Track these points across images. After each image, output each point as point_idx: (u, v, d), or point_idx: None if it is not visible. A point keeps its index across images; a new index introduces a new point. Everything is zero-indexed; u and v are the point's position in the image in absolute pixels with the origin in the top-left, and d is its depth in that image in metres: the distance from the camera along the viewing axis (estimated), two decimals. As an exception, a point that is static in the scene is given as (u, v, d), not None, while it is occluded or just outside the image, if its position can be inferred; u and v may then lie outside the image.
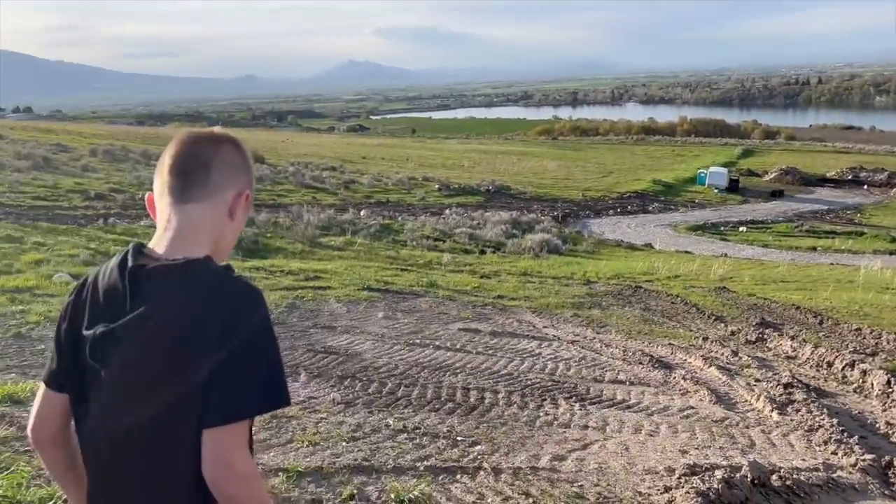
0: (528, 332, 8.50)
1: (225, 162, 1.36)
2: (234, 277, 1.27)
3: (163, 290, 1.22)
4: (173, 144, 1.36)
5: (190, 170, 1.33)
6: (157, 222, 1.35)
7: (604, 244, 24.75)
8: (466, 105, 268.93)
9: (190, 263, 1.25)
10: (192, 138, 1.37)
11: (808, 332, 9.41)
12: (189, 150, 1.34)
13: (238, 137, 1.43)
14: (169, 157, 1.34)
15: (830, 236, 30.80)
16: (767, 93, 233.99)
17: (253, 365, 1.20)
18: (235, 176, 1.38)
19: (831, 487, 3.72)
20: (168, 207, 1.33)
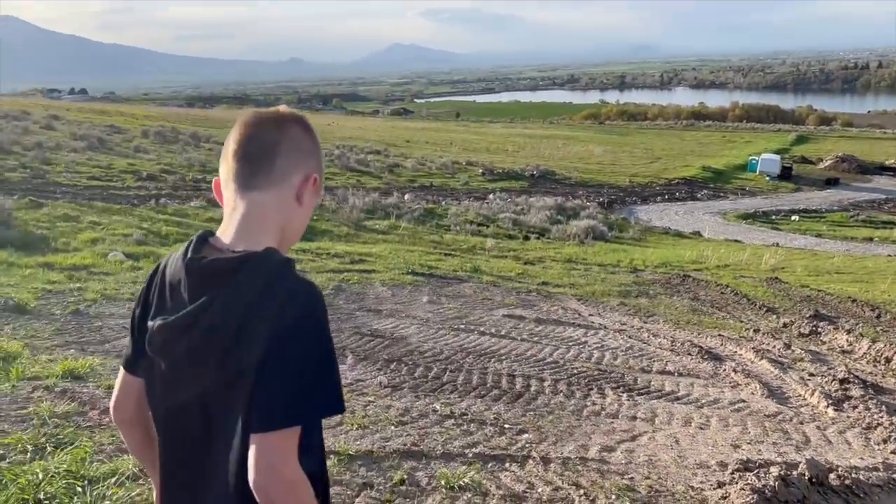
0: (574, 319, 8.43)
1: (291, 145, 1.31)
2: (292, 276, 1.21)
3: (217, 287, 1.19)
4: (237, 127, 1.32)
5: (254, 155, 1.28)
6: (224, 208, 1.33)
7: (651, 231, 24.35)
8: (511, 89, 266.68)
9: (247, 259, 1.20)
10: (257, 120, 1.31)
11: (865, 325, 9.11)
12: (253, 133, 1.30)
13: (305, 116, 1.38)
14: (233, 142, 1.30)
15: (888, 227, 29.70)
16: (824, 77, 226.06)
17: (301, 370, 1.14)
18: (303, 159, 1.32)
19: (893, 488, 3.60)
20: (234, 194, 1.30)
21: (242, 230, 1.28)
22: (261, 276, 1.18)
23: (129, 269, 8.61)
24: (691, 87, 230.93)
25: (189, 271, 1.23)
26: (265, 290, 1.17)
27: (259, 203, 1.28)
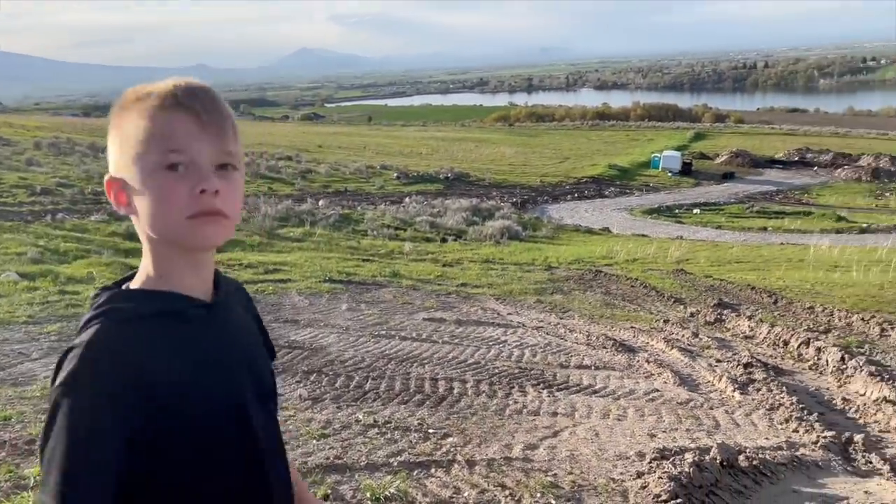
0: (493, 319, 8.52)
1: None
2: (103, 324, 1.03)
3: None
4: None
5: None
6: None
7: (563, 229, 24.97)
8: (422, 92, 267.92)
9: (96, 299, 1.09)
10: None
11: (764, 311, 9.64)
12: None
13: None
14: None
15: (780, 217, 31.66)
16: (716, 77, 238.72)
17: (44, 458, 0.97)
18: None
19: (796, 466, 3.81)
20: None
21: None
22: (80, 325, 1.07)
23: (24, 290, 8.08)
24: (595, 88, 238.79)
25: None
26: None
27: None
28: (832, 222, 29.40)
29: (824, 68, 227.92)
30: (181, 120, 1.06)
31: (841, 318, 8.90)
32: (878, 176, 45.79)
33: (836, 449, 4.16)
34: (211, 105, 1.10)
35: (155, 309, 1.06)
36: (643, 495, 3.31)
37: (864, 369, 6.16)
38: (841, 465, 3.93)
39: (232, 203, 1.13)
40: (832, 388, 6.03)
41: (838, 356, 6.66)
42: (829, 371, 6.51)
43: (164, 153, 1.04)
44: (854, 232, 26.19)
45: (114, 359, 0.99)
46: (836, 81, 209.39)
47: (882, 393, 5.50)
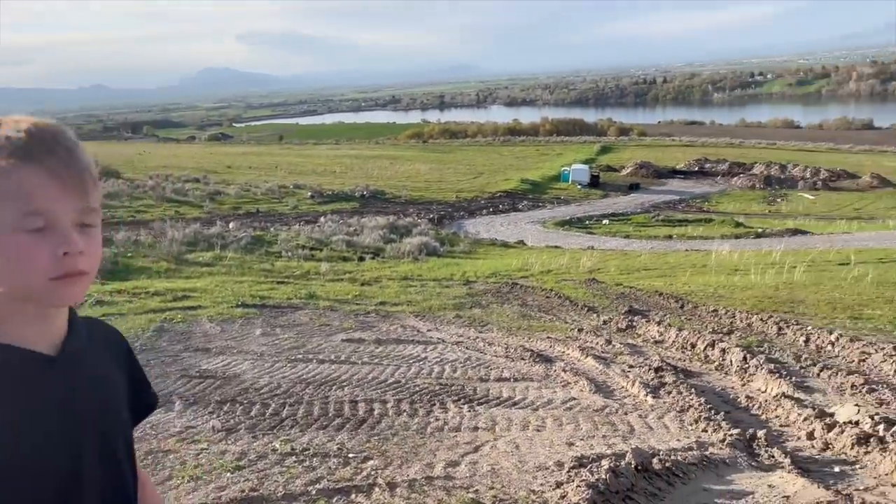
0: (413, 336, 8.49)
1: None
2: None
3: None
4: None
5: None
6: None
7: (479, 243, 25.28)
8: (334, 110, 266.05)
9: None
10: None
11: (672, 316, 10.03)
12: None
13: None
14: None
15: (683, 224, 33.19)
16: (619, 92, 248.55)
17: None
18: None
19: (706, 465, 3.96)
20: None
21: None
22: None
23: None
24: (505, 105, 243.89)
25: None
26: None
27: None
28: (731, 228, 31.07)
29: (717, 83, 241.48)
30: (39, 177, 0.98)
31: (742, 320, 9.37)
32: (770, 183, 48.86)
33: (741, 446, 4.36)
34: (70, 157, 1.02)
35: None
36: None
37: (764, 367, 6.50)
38: (746, 460, 4.12)
39: (93, 259, 1.07)
40: (737, 387, 6.32)
41: (741, 356, 7.00)
42: (734, 371, 6.83)
43: (22, 216, 0.97)
44: (751, 237, 27.76)
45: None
46: (728, 95, 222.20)
47: (781, 389, 5.81)
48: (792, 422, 4.96)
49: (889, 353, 6.83)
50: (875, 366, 6.74)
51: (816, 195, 45.12)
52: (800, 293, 11.08)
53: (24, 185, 0.97)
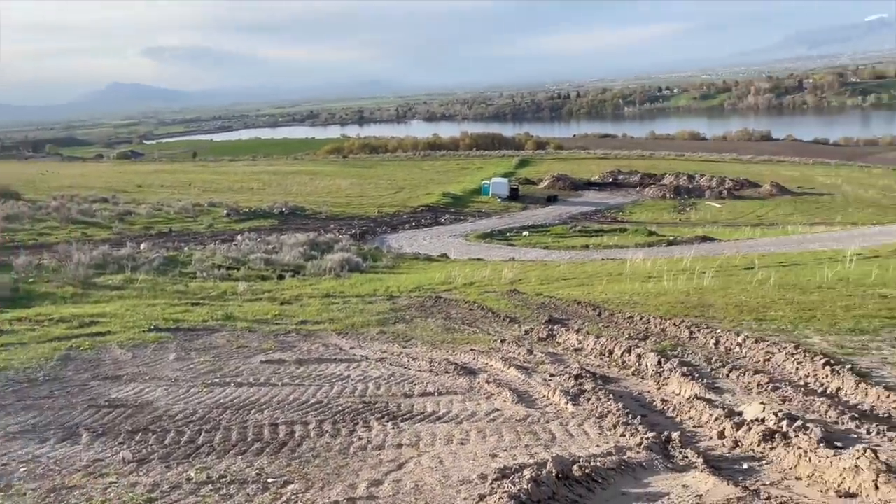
0: (336, 355, 8.37)
1: None
2: None
3: None
4: None
5: None
6: None
7: (403, 258, 25.23)
8: (250, 126, 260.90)
9: None
10: None
11: (590, 324, 10.28)
12: None
13: None
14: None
15: (600, 234, 34.19)
16: (535, 107, 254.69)
17: None
18: None
19: (624, 469, 4.07)
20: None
21: None
22: None
23: None
24: (425, 120, 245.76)
25: None
26: None
27: None
28: (644, 237, 32.22)
29: (628, 97, 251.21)
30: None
31: (656, 325, 9.70)
32: (679, 193, 51.03)
33: (657, 448, 4.49)
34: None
35: None
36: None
37: (678, 371, 6.74)
38: (662, 462, 4.25)
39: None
40: (652, 390, 6.53)
41: (656, 360, 7.24)
42: (649, 375, 7.05)
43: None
44: (663, 245, 28.87)
45: None
46: (638, 109, 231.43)
47: (693, 391, 6.04)
48: (704, 422, 5.16)
49: (791, 352, 7.21)
50: (778, 365, 7.10)
51: (722, 203, 47.44)
52: (709, 298, 11.58)
53: None
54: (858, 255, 17.77)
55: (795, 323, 9.00)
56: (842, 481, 3.66)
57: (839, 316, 9.23)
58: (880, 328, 8.39)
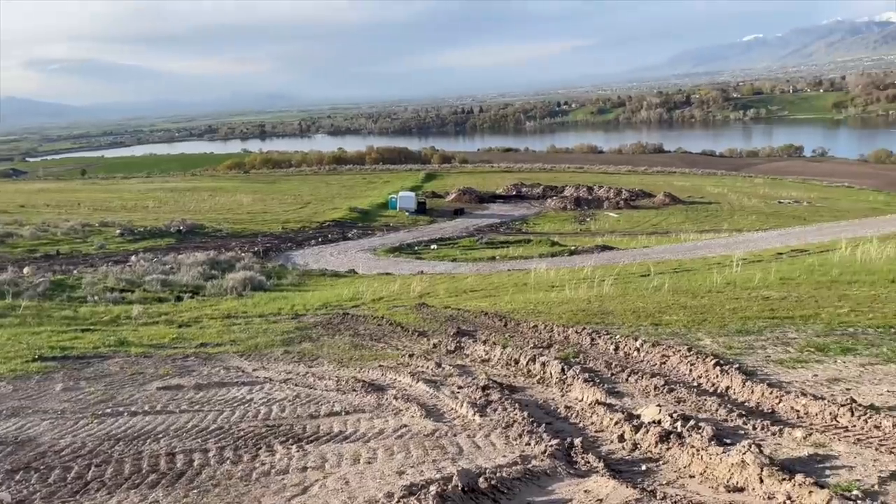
0: (238, 378, 8.09)
1: None
2: None
3: None
4: None
5: None
6: None
7: (309, 275, 24.78)
8: (145, 141, 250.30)
9: None
10: None
11: (497, 334, 10.43)
12: None
13: None
14: None
15: (505, 246, 34.87)
16: (440, 121, 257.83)
17: None
18: None
19: (528, 478, 4.12)
20: None
21: None
22: None
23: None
24: (329, 134, 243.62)
25: None
26: None
27: None
28: (547, 247, 33.11)
29: (528, 112, 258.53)
30: None
31: (559, 333, 9.95)
32: (580, 204, 52.87)
33: (560, 455, 4.59)
34: None
35: None
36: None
37: (580, 377, 6.93)
38: (565, 469, 4.34)
39: None
40: (557, 398, 6.67)
41: (559, 368, 7.41)
42: (554, 382, 7.21)
43: None
44: (565, 254, 29.76)
45: None
46: (539, 123, 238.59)
47: (595, 396, 6.22)
48: (605, 426, 5.32)
49: (684, 354, 7.57)
50: (673, 367, 7.43)
51: (620, 214, 49.48)
52: (609, 304, 12.00)
53: None
54: (744, 259, 18.94)
55: (688, 326, 9.46)
56: (730, 476, 3.85)
57: (727, 318, 9.78)
58: (764, 328, 8.94)
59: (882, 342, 7.80)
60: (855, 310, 9.81)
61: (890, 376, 6.48)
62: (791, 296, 11.50)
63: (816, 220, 41.40)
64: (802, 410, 5.46)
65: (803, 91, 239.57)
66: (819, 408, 5.35)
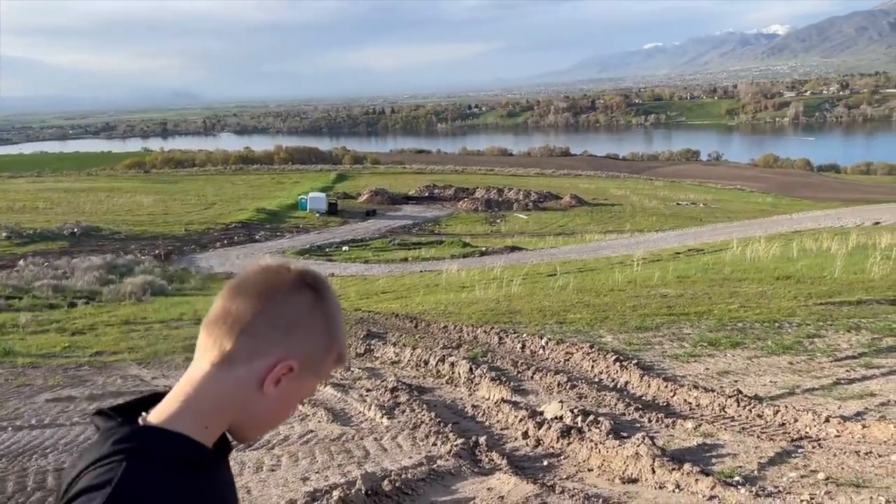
0: (136, 387, 7.75)
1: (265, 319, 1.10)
2: (104, 468, 0.97)
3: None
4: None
5: (214, 325, 1.11)
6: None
7: (214, 278, 23.99)
8: (34, 139, 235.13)
9: (107, 432, 1.02)
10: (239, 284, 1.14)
11: (407, 336, 10.44)
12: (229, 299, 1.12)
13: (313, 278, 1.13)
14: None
15: (417, 247, 34.94)
16: (351, 121, 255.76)
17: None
18: (277, 338, 1.10)
19: (433, 478, 4.15)
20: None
21: (167, 399, 1.09)
22: (94, 453, 1.00)
23: None
24: (235, 133, 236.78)
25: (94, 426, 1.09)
26: (81, 473, 0.98)
27: (201, 376, 1.09)
28: (459, 248, 33.44)
29: (440, 114, 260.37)
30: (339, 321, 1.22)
31: (469, 333, 10.07)
32: (490, 206, 53.69)
33: (465, 454, 4.65)
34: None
35: (178, 455, 1.03)
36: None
37: (487, 376, 7.04)
38: (469, 468, 4.40)
39: None
40: (465, 397, 6.75)
41: (467, 367, 7.51)
42: (462, 382, 7.29)
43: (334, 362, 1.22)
44: (476, 255, 30.13)
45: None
46: (450, 125, 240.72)
47: (501, 394, 6.34)
48: (510, 424, 5.43)
49: (587, 351, 7.82)
50: (577, 364, 7.67)
51: (529, 215, 50.60)
52: (517, 304, 12.25)
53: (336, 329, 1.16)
54: (644, 259, 19.78)
55: (591, 324, 9.78)
56: (625, 468, 4.02)
57: (628, 315, 10.18)
58: (661, 325, 9.37)
59: (767, 336, 8.32)
60: (744, 306, 10.42)
61: (773, 368, 6.94)
62: (687, 293, 12.10)
63: (711, 220, 43.76)
64: (694, 402, 5.77)
65: (699, 98, 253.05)
66: (709, 399, 5.67)
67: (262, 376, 1.09)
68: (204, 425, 1.07)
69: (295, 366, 1.10)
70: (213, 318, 1.12)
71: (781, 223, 31.83)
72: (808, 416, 4.60)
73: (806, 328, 8.60)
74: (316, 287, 1.14)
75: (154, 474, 0.98)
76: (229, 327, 1.10)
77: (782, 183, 77.30)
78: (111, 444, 1.00)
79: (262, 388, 1.10)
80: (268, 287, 1.12)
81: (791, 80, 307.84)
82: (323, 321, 1.13)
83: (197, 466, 1.04)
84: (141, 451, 1.00)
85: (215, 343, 1.10)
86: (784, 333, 8.38)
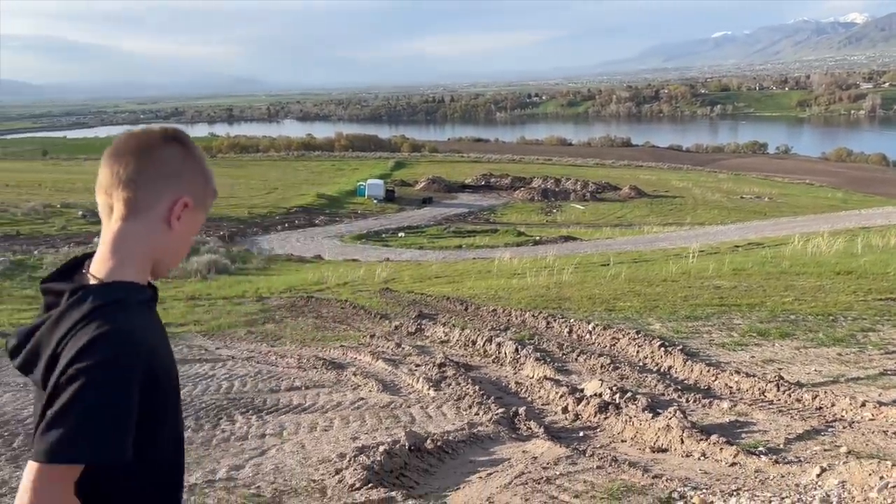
0: (201, 356, 8.25)
1: (153, 171, 1.33)
2: (105, 319, 1.19)
3: (49, 317, 1.23)
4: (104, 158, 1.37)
5: (110, 187, 1.34)
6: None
7: (275, 259, 24.82)
8: (108, 123, 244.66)
9: (77, 290, 1.23)
10: (115, 151, 1.36)
11: (457, 317, 10.72)
12: (111, 164, 1.34)
13: (174, 132, 1.37)
14: (99, 174, 1.35)
15: (472, 235, 35.22)
16: (411, 110, 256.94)
17: (74, 414, 1.12)
18: (168, 183, 1.34)
19: (472, 441, 4.41)
20: (103, 225, 1.35)
21: (100, 258, 1.31)
22: (79, 311, 1.20)
23: None
24: (298, 120, 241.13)
25: (43, 292, 1.30)
26: (75, 327, 1.18)
27: (120, 232, 1.31)
28: (513, 237, 33.55)
29: (499, 103, 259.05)
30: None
31: (517, 317, 10.27)
32: (547, 196, 53.45)
33: (505, 422, 4.89)
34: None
35: (142, 298, 1.29)
36: (340, 488, 3.58)
37: (532, 356, 7.25)
38: (508, 434, 4.64)
39: None
40: (509, 375, 6.98)
41: (513, 348, 7.73)
42: (508, 361, 7.52)
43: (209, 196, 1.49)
44: (530, 244, 30.21)
45: (140, 346, 1.19)
46: (509, 114, 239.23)
47: (544, 373, 6.55)
48: (551, 399, 5.64)
49: (633, 336, 7.93)
50: (622, 349, 7.79)
51: (585, 205, 50.18)
52: (566, 291, 12.36)
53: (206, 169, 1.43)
54: (701, 251, 19.52)
55: (640, 312, 9.84)
56: (657, 439, 4.18)
57: (678, 305, 10.17)
58: (711, 314, 9.35)
59: (819, 328, 8.24)
60: (799, 299, 10.27)
61: (821, 358, 6.91)
62: (741, 285, 11.97)
63: (776, 215, 42.53)
64: (735, 387, 5.85)
65: (769, 89, 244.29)
66: (750, 384, 5.74)
67: (167, 216, 1.34)
68: (140, 270, 1.32)
69: (189, 202, 1.35)
70: (105, 183, 1.35)
71: (849, 219, 30.74)
72: (846, 401, 4.65)
73: (861, 322, 8.47)
74: (181, 139, 1.38)
75: (135, 316, 1.24)
76: (124, 186, 1.32)
77: (854, 178, 74.19)
78: (91, 302, 1.21)
79: (170, 225, 1.34)
80: (142, 147, 1.34)
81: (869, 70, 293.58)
82: (197, 164, 1.39)
83: (149, 305, 1.32)
84: (121, 301, 1.25)
85: (117, 203, 1.33)
86: (837, 326, 8.28)
